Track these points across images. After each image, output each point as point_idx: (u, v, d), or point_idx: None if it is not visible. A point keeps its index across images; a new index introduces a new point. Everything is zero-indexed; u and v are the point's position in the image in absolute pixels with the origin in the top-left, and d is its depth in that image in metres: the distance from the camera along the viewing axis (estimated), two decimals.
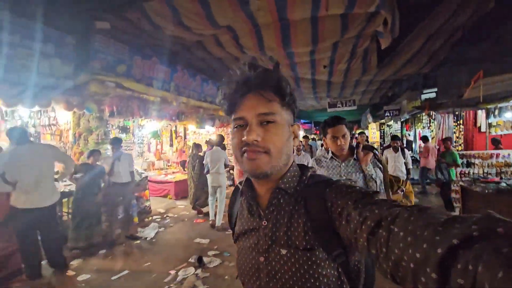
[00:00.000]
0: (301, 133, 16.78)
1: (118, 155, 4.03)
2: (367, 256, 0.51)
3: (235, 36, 3.81)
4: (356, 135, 9.67)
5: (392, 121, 9.35)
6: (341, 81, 6.39)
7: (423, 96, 5.47)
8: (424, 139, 5.88)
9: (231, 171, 7.68)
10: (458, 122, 4.67)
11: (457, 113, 4.55)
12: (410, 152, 7.67)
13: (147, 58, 4.23)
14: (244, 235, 0.75)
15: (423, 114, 5.69)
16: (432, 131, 5.55)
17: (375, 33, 3.93)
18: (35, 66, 2.75)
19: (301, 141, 4.35)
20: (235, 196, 0.87)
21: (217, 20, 3.07)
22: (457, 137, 4.68)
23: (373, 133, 12.37)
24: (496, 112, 4.00)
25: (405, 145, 8.05)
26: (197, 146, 5.58)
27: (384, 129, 11.44)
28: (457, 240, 0.33)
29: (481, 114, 4.37)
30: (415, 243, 0.39)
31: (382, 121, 10.70)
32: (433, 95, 5.32)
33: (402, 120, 7.92)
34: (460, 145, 4.68)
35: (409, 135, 8.97)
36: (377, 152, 2.14)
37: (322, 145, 5.98)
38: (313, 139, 15.10)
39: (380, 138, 11.34)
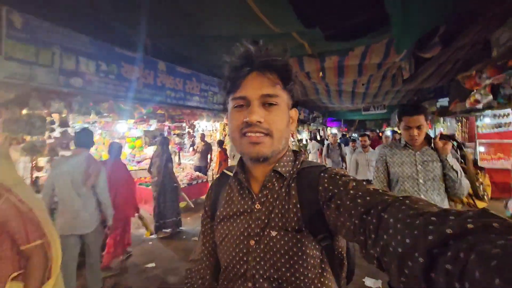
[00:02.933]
0: (334, 131, 18.57)
1: None
2: (354, 241, 0.52)
3: (307, 73, 6.08)
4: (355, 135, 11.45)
5: None
6: (374, 92, 8.43)
7: (438, 103, 7.35)
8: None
9: None
10: (457, 124, 6.53)
11: (457, 117, 6.41)
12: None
13: None
14: (231, 218, 0.73)
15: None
16: (444, 129, 7.42)
17: (400, 66, 6.00)
18: (214, 100, 5.25)
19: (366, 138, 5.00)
20: (221, 181, 0.84)
21: (305, 69, 5.37)
22: (457, 134, 6.51)
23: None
24: (481, 117, 5.85)
25: None
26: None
27: None
28: (451, 230, 0.33)
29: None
30: (405, 230, 0.38)
31: None
32: (446, 103, 7.20)
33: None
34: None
35: (429, 132, 10.70)
36: (454, 143, 2.04)
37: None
38: (343, 135, 16.82)
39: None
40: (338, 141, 7.07)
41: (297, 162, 0.73)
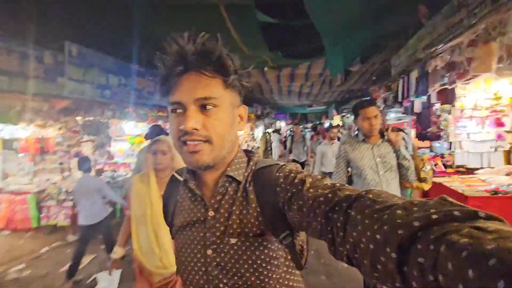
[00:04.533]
0: (282, 123, 20.63)
1: None
2: (321, 239, 0.51)
3: (267, 79, 7.53)
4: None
5: (348, 114, 13.64)
6: (316, 92, 10.42)
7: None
8: None
9: None
10: None
11: None
12: None
13: None
14: (186, 228, 0.69)
15: None
16: None
17: None
18: None
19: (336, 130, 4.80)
20: (172, 187, 0.79)
21: (266, 77, 6.79)
22: None
23: (337, 122, 16.74)
24: (389, 113, 8.32)
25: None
26: None
27: (344, 120, 15.82)
28: (418, 222, 0.34)
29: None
30: (374, 225, 0.39)
31: (343, 114, 15.05)
32: None
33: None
34: None
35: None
36: (404, 134, 2.13)
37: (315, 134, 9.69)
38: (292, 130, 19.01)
39: (342, 126, 15.73)
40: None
41: (251, 163, 0.69)
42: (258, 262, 0.61)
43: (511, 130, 3.23)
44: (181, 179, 0.74)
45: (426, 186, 2.22)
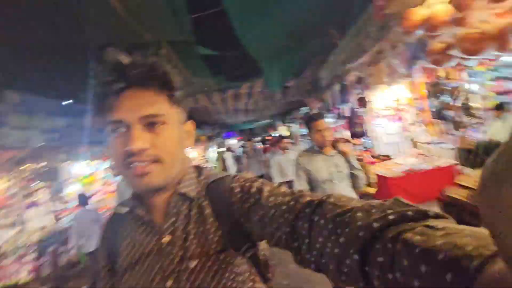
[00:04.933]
0: (234, 141, 21.09)
1: None
2: (286, 249, 0.49)
3: (213, 102, 7.94)
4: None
5: (293, 124, 14.94)
6: (261, 108, 11.22)
7: (302, 111, 10.70)
8: None
9: None
10: None
11: None
12: None
13: None
14: (137, 264, 0.61)
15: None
16: None
17: None
18: None
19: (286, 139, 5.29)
20: (112, 225, 0.70)
21: (213, 99, 7.20)
22: None
23: (283, 132, 17.95)
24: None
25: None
26: None
27: (290, 130, 17.09)
28: (377, 223, 0.35)
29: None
30: (337, 229, 0.39)
31: (288, 124, 16.33)
32: (306, 110, 10.56)
33: (297, 124, 13.41)
34: None
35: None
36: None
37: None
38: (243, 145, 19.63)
39: (289, 137, 16.95)
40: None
41: (202, 177, 0.67)
42: (223, 281, 0.56)
43: (412, 122, 4.18)
44: (124, 211, 0.66)
45: (372, 190, 2.47)
